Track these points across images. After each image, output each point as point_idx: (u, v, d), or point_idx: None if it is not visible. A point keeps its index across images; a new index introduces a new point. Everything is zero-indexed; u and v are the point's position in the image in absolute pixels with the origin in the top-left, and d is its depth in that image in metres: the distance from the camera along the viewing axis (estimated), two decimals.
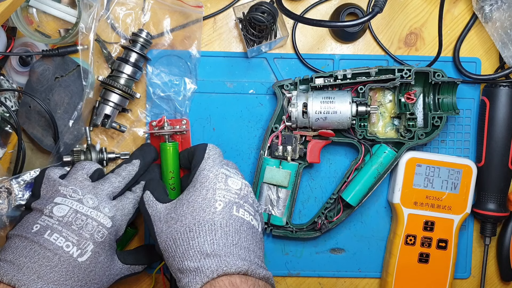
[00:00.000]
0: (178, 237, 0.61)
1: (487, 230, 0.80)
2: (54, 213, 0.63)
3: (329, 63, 0.80)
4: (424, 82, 0.77)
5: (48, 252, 0.61)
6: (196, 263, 0.58)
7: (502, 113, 0.77)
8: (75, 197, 0.65)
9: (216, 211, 0.62)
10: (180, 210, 0.63)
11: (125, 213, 0.69)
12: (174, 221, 0.62)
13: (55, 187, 0.66)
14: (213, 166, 0.66)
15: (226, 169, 0.66)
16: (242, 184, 0.66)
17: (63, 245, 0.61)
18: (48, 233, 0.62)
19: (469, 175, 0.77)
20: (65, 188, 0.66)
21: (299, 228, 0.79)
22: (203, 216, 0.61)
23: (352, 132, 0.76)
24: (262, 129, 0.80)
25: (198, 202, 0.62)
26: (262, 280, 0.59)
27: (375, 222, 0.82)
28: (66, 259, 0.61)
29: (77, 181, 0.67)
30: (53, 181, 0.67)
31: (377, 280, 0.83)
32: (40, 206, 0.65)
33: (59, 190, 0.66)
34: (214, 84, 0.80)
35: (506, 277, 0.82)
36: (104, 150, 0.77)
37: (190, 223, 0.61)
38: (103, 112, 0.75)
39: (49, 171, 0.69)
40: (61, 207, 0.64)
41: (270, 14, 0.73)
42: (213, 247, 0.59)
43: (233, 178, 0.65)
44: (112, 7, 0.78)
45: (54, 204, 0.64)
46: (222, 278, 0.57)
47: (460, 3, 0.81)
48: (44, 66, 0.76)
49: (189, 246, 0.60)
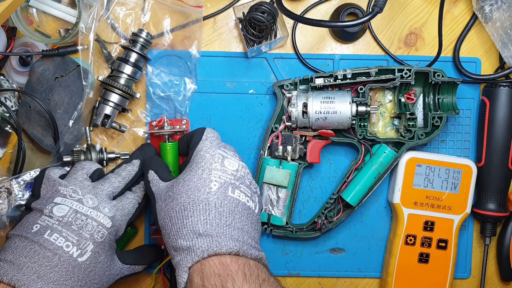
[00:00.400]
0: (174, 215, 0.62)
1: (487, 230, 0.80)
2: (54, 213, 0.63)
3: (329, 63, 0.80)
4: (424, 82, 0.77)
5: (48, 252, 0.61)
6: (188, 242, 0.59)
7: (502, 113, 0.77)
8: (75, 197, 0.65)
9: (211, 191, 0.62)
10: (176, 188, 0.63)
11: (125, 213, 0.69)
12: (170, 199, 0.63)
13: (55, 187, 0.67)
14: (210, 148, 0.66)
15: (223, 151, 0.67)
16: (239, 166, 0.66)
17: (63, 245, 0.61)
18: (48, 233, 0.62)
19: (469, 175, 0.77)
20: (65, 188, 0.66)
21: (299, 228, 0.79)
22: (197, 195, 0.62)
23: (352, 132, 0.76)
24: (262, 129, 0.80)
25: (194, 181, 0.63)
26: (254, 260, 0.59)
27: (375, 222, 0.82)
28: (66, 259, 0.61)
29: (77, 181, 0.67)
30: (53, 181, 0.67)
31: (377, 280, 0.83)
32: (40, 206, 0.65)
33: (59, 190, 0.66)
34: (214, 84, 0.80)
35: (506, 277, 0.82)
36: (104, 150, 0.77)
37: (185, 201, 0.61)
38: (103, 112, 0.75)
39: (49, 171, 0.69)
40: (61, 207, 0.64)
41: (270, 14, 0.73)
42: (205, 227, 0.60)
43: (230, 159, 0.66)
44: (112, 7, 0.78)
45: (54, 204, 0.64)
46: (212, 258, 0.57)
47: (460, 3, 0.81)
48: (44, 66, 0.76)
49: (183, 225, 0.60)
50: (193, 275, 0.57)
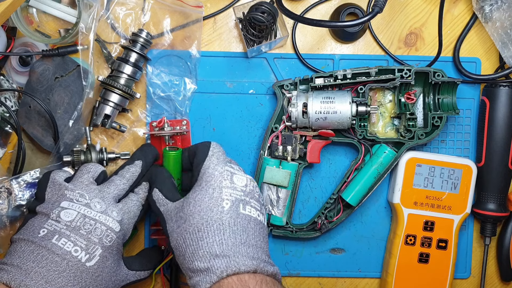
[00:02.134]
0: (188, 237, 0.61)
1: (487, 230, 0.80)
2: (61, 217, 0.63)
3: (329, 63, 0.80)
4: (424, 82, 0.77)
5: (56, 257, 0.60)
6: (205, 263, 0.59)
7: (502, 113, 0.77)
8: (83, 202, 0.65)
9: (224, 210, 0.61)
10: (187, 209, 0.63)
11: (131, 216, 0.68)
12: (182, 220, 0.62)
13: (61, 191, 0.66)
14: (218, 164, 0.65)
15: (231, 166, 0.66)
16: (247, 180, 0.66)
17: (71, 249, 0.61)
18: (56, 237, 0.61)
19: (469, 175, 0.77)
20: (71, 192, 0.65)
21: (299, 228, 0.79)
22: (211, 215, 0.61)
23: (352, 132, 0.76)
24: (262, 129, 0.80)
25: (205, 201, 0.62)
26: (270, 276, 0.59)
27: (375, 222, 0.82)
28: (75, 264, 0.61)
29: (83, 185, 0.67)
30: (59, 185, 0.66)
31: (377, 280, 0.83)
32: (46, 210, 0.64)
33: (66, 194, 0.65)
34: (214, 84, 0.80)
35: (506, 277, 0.82)
36: (104, 150, 0.77)
37: (198, 223, 0.61)
38: (103, 112, 0.75)
39: (54, 175, 0.68)
40: (69, 211, 0.63)
41: (270, 14, 0.73)
42: (222, 247, 0.59)
43: (238, 175, 0.65)
44: (112, 7, 0.78)
45: (61, 208, 0.64)
46: (231, 277, 0.57)
47: (460, 3, 0.81)
48: (44, 66, 0.76)
49: (198, 246, 0.60)
50: None
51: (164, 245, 0.77)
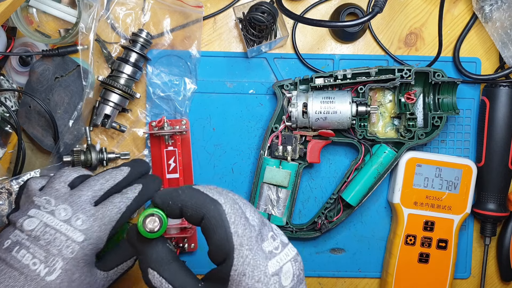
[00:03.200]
0: None
1: (487, 230, 0.80)
2: (24, 226, 0.57)
3: (329, 63, 0.80)
4: (424, 82, 0.77)
5: (15, 271, 0.55)
6: None
7: (502, 113, 0.77)
8: (48, 209, 0.59)
9: None
10: None
11: (105, 222, 0.59)
12: None
13: (31, 198, 0.61)
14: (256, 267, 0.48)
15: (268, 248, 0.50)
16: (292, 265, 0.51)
17: (29, 262, 0.55)
18: (16, 249, 0.56)
19: (469, 175, 0.77)
20: (39, 199, 0.60)
21: (299, 228, 0.79)
22: None
23: (352, 132, 0.76)
24: (262, 129, 0.80)
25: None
26: None
27: (375, 222, 0.82)
28: (34, 278, 0.55)
29: (52, 190, 0.60)
30: (30, 192, 0.62)
31: (377, 280, 0.83)
32: (15, 218, 0.59)
33: (34, 201, 0.60)
34: (214, 84, 0.80)
35: (506, 277, 0.82)
36: (104, 150, 0.77)
37: None
38: (103, 112, 0.75)
39: (31, 181, 0.63)
40: (32, 220, 0.58)
41: (270, 14, 0.73)
42: None
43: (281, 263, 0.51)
44: (112, 7, 0.78)
45: (27, 217, 0.58)
46: None
47: (460, 3, 0.81)
48: (44, 66, 0.76)
49: None
50: None
51: None
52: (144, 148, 0.80)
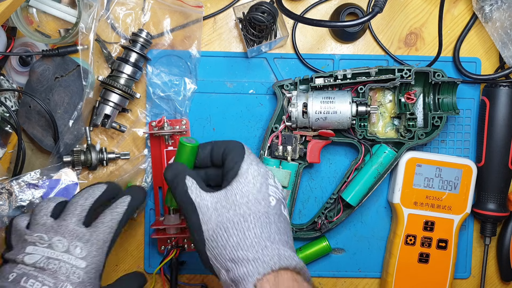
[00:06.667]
0: (231, 226, 0.59)
1: (487, 230, 0.80)
2: (26, 261, 0.62)
3: (329, 63, 0.80)
4: (424, 82, 0.77)
5: None
6: (254, 253, 0.57)
7: (502, 113, 0.77)
8: (44, 244, 0.63)
9: (271, 206, 0.60)
10: (232, 199, 0.60)
11: (100, 245, 0.64)
12: (225, 209, 0.59)
13: (22, 237, 0.64)
14: (259, 163, 0.63)
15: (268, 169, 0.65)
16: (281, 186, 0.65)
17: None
18: (24, 279, 0.60)
19: (469, 175, 0.77)
20: (30, 237, 0.63)
21: (299, 228, 0.79)
22: (259, 208, 0.60)
23: (352, 132, 0.76)
24: (262, 129, 0.80)
25: (254, 193, 0.60)
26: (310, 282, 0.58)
27: (375, 222, 0.82)
28: None
29: (39, 226, 0.64)
30: (19, 231, 0.65)
31: (377, 280, 0.83)
32: (13, 256, 0.63)
33: (27, 240, 0.64)
34: (214, 84, 0.80)
35: (506, 277, 0.82)
36: (104, 150, 0.77)
37: (245, 213, 0.59)
38: (103, 112, 0.75)
39: (16, 221, 0.66)
40: (33, 256, 0.62)
41: (270, 14, 0.73)
42: (270, 239, 0.58)
43: (276, 178, 0.65)
44: (112, 7, 0.78)
45: (26, 253, 0.62)
46: (285, 271, 0.56)
47: (460, 3, 0.81)
48: (44, 66, 0.76)
49: (245, 236, 0.58)
50: (263, 286, 0.54)
51: (164, 245, 0.77)
52: (144, 148, 0.80)
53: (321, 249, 0.79)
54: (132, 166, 0.79)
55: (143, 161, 0.79)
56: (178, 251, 0.77)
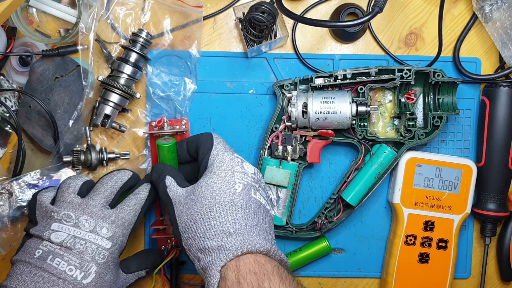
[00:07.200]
0: (199, 217, 0.61)
1: (487, 230, 0.80)
2: (52, 239, 0.63)
3: (329, 63, 0.80)
4: (424, 82, 0.77)
5: (53, 277, 0.61)
6: (218, 242, 0.59)
7: (502, 113, 0.77)
8: (71, 222, 0.64)
9: (236, 192, 0.62)
10: (199, 192, 0.62)
11: (125, 226, 0.67)
12: (193, 202, 0.62)
13: (48, 214, 0.65)
14: (226, 151, 0.66)
15: (238, 155, 0.67)
16: (255, 170, 0.67)
17: (66, 269, 0.61)
18: (51, 257, 0.62)
19: (469, 175, 0.77)
20: (57, 214, 0.65)
21: (299, 228, 0.79)
22: (223, 197, 0.61)
23: (352, 132, 0.76)
24: (262, 129, 0.80)
25: (218, 184, 0.62)
26: (281, 263, 0.60)
27: (375, 222, 0.82)
28: (71, 282, 0.61)
29: (66, 203, 0.65)
30: (45, 208, 0.66)
31: (377, 280, 0.83)
32: (39, 232, 0.64)
33: (53, 216, 0.65)
34: (214, 84, 0.80)
35: (506, 277, 0.82)
36: (104, 150, 0.77)
37: (211, 203, 0.61)
38: (103, 112, 0.75)
39: (41, 196, 0.67)
40: (59, 233, 0.63)
41: (270, 14, 0.73)
42: (235, 226, 0.60)
43: (246, 163, 0.66)
44: (112, 7, 0.78)
45: (52, 231, 0.64)
46: (247, 256, 0.57)
47: (460, 3, 0.81)
48: (44, 66, 0.76)
49: (210, 226, 0.60)
50: (226, 273, 0.57)
51: (164, 245, 0.77)
52: (144, 148, 0.80)
53: (321, 249, 0.79)
54: (132, 166, 0.79)
55: (143, 161, 0.79)
56: (178, 251, 0.77)
